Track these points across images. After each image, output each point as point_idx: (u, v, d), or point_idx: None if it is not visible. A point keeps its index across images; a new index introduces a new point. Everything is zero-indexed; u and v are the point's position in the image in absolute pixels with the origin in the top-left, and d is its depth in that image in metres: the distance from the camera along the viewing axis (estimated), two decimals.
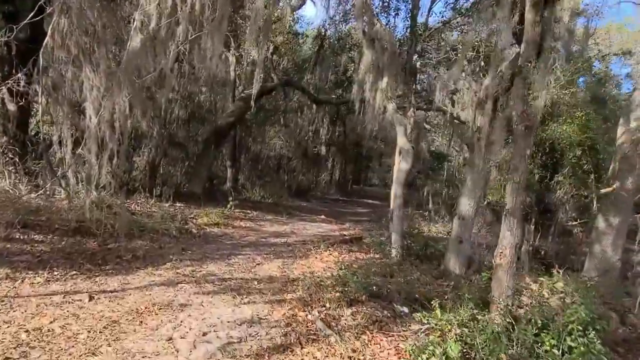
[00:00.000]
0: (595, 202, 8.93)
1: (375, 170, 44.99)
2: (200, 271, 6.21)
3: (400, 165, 7.38)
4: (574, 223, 8.95)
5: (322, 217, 15.68)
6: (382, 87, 7.65)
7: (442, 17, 12.03)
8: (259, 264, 7.08)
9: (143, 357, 3.57)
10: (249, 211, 13.28)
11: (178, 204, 12.14)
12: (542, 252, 9.13)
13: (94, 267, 5.76)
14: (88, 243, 6.76)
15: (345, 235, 11.11)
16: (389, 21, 10.13)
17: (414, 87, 10.75)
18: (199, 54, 6.38)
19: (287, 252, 8.26)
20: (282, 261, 7.42)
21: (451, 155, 19.67)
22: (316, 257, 7.82)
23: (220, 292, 5.40)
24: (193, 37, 6.44)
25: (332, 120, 23.31)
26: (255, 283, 5.89)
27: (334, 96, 19.09)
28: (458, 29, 12.21)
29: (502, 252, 4.35)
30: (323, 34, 16.98)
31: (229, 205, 12.32)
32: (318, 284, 5.83)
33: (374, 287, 5.72)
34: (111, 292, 4.96)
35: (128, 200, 11.17)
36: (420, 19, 15.47)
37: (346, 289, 5.51)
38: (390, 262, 7.39)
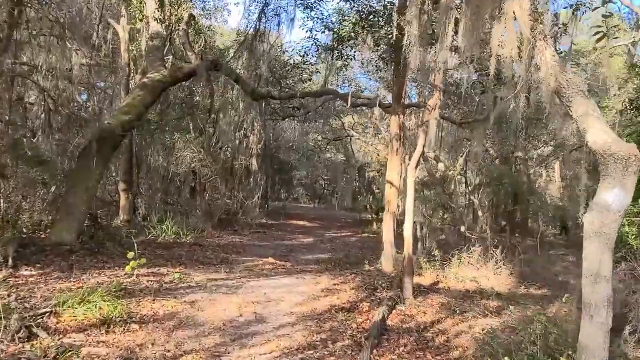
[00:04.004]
0: None
1: (282, 184, 41.36)
2: None
3: (606, 199, 2.83)
4: None
5: (272, 261, 10.68)
6: (525, 5, 3.14)
7: None
8: None
9: None
10: (164, 269, 7.85)
11: (25, 273, 6.39)
12: None
13: None
14: None
15: (348, 312, 6.35)
16: None
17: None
18: None
19: None
20: None
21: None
22: None
23: None
24: None
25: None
26: None
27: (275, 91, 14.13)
28: None
29: None
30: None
31: (128, 268, 6.80)
32: None
33: None
34: None
35: None
36: None
37: None
38: None
